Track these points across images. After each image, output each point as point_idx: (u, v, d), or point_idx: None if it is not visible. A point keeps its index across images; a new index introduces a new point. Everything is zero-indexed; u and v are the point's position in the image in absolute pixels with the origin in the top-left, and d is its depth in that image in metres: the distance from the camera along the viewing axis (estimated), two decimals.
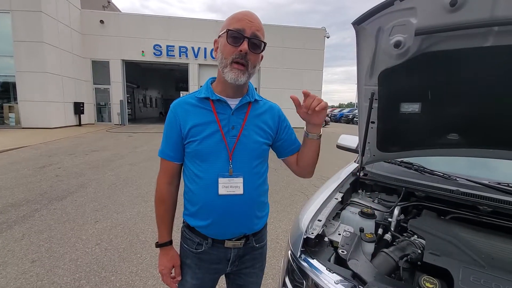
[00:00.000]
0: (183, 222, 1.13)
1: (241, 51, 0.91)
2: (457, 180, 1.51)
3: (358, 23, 1.08)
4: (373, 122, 1.46)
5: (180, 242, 1.15)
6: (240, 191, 1.00)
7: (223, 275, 1.20)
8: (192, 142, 1.00)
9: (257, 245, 1.13)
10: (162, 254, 1.12)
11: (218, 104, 1.02)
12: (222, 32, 0.95)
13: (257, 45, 0.94)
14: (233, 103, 1.02)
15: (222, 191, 0.98)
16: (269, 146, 1.10)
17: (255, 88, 1.15)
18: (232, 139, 1.00)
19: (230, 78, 0.94)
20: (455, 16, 0.97)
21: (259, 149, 1.05)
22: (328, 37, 17.53)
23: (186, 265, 1.11)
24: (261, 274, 1.21)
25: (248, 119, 1.04)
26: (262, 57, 1.02)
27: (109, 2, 20.68)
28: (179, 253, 1.15)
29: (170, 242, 1.14)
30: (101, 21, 15.41)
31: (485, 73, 1.12)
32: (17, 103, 12.30)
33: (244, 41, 0.91)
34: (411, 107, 1.32)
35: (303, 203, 4.45)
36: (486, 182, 1.43)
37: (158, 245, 1.13)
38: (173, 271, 1.13)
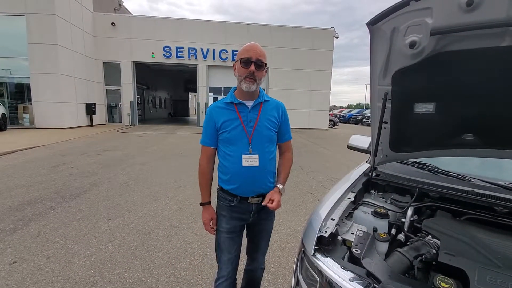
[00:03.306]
0: (218, 187, 1.57)
1: (250, 71, 1.35)
2: (472, 181, 1.50)
3: (372, 24, 1.09)
4: (386, 122, 1.46)
5: (217, 201, 1.60)
6: (256, 163, 1.43)
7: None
8: (223, 132, 1.44)
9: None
10: (204, 210, 1.57)
11: (239, 106, 1.45)
12: (237, 60, 1.40)
13: (260, 65, 1.37)
14: (249, 104, 1.45)
15: (245, 163, 1.42)
16: (276, 132, 1.52)
17: (263, 89, 1.51)
18: (250, 129, 1.43)
19: (245, 88, 1.38)
20: (471, 16, 0.97)
21: (269, 134, 1.47)
22: (337, 37, 17.41)
23: (222, 215, 1.56)
24: (271, 225, 1.65)
25: (261, 114, 1.46)
26: (266, 71, 1.45)
27: (120, 4, 21.04)
28: (215, 209, 1.60)
29: (210, 202, 1.58)
30: (113, 24, 15.71)
31: (501, 73, 1.11)
32: (31, 104, 12.63)
33: (251, 65, 1.35)
34: (425, 107, 1.32)
35: (314, 203, 4.41)
36: (502, 183, 1.41)
37: (201, 204, 1.57)
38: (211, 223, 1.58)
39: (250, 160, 1.41)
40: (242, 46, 1.40)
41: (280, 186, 1.50)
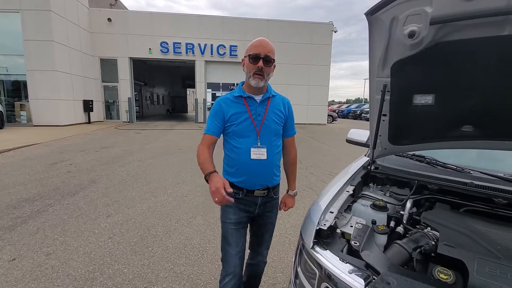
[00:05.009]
0: None
1: (258, 66, 1.38)
2: (471, 173, 1.49)
3: (371, 13, 1.07)
4: (385, 115, 1.45)
5: None
6: (264, 157, 1.45)
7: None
8: (232, 125, 1.45)
9: (274, 196, 1.60)
10: (212, 178, 1.25)
11: (248, 100, 1.47)
12: (246, 56, 1.42)
13: (268, 61, 1.40)
14: (258, 98, 1.48)
15: (253, 156, 1.44)
16: (282, 127, 1.55)
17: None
18: (259, 122, 1.46)
19: (254, 84, 1.41)
20: (472, 4, 0.96)
21: (277, 128, 1.50)
22: (335, 32, 17.29)
23: (229, 207, 1.53)
24: (275, 217, 1.68)
25: (269, 108, 1.49)
26: (274, 67, 1.47)
27: (116, 0, 20.79)
28: None
29: (215, 171, 1.31)
30: (109, 19, 15.53)
31: (501, 62, 1.10)
32: (28, 101, 12.52)
33: (260, 60, 1.37)
34: (424, 99, 1.30)
35: (313, 198, 4.40)
36: (501, 174, 1.41)
37: (206, 174, 1.29)
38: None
39: (259, 153, 1.44)
40: (251, 42, 1.42)
41: (292, 192, 1.67)
